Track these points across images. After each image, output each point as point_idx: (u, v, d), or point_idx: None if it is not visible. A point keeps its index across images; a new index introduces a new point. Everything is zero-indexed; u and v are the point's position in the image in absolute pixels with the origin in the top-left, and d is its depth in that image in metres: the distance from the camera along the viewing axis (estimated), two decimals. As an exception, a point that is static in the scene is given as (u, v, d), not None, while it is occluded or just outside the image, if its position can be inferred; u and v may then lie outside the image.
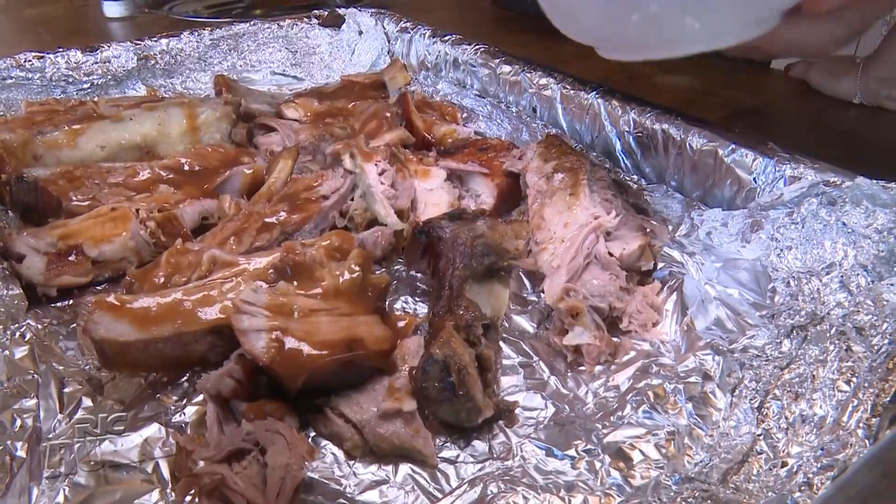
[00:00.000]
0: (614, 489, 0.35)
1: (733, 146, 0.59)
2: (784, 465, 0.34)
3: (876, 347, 0.38)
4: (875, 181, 0.48)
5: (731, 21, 0.43)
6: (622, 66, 1.10)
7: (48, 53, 0.83)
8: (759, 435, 0.37)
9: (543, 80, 0.77)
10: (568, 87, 0.74)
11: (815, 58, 0.49)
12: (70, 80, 0.83)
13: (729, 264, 0.55)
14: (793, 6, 0.43)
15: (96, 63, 0.84)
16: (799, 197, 0.53)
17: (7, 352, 0.44)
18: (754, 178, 0.58)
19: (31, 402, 0.41)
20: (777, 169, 0.56)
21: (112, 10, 1.52)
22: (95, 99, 0.75)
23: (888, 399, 0.34)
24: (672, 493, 0.32)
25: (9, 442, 0.37)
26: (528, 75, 0.79)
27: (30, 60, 0.81)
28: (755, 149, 0.58)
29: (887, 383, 0.34)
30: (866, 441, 0.32)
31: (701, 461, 0.36)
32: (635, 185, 0.67)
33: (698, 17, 0.42)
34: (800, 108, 1.00)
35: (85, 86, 0.84)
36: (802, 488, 0.30)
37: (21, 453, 0.37)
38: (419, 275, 0.58)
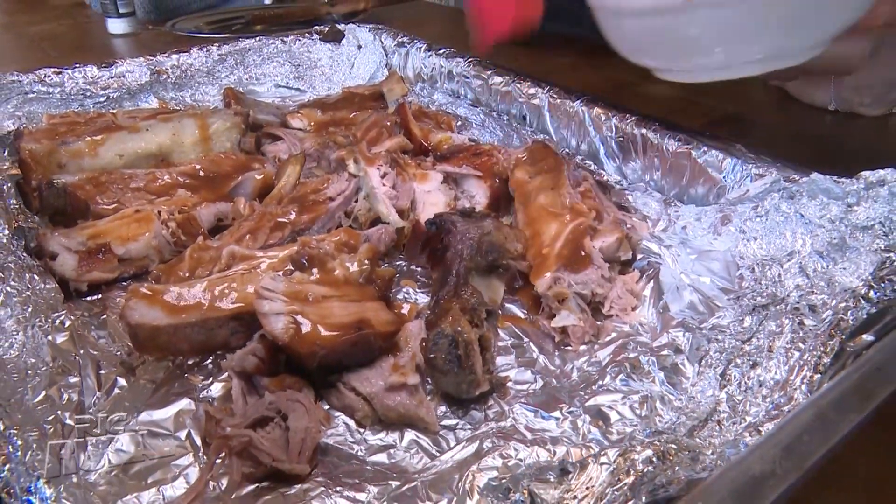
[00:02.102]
0: (593, 442, 0.40)
1: (705, 148, 0.65)
2: (742, 421, 0.39)
3: (824, 320, 0.43)
4: (828, 176, 0.54)
5: (790, 46, 0.48)
6: (608, 77, 1.16)
7: (66, 69, 0.88)
8: (721, 398, 0.42)
9: (532, 90, 0.83)
10: (555, 96, 0.80)
11: (849, 73, 0.54)
12: (87, 93, 0.88)
13: (702, 255, 0.60)
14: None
15: (112, 77, 0.89)
16: (763, 192, 0.58)
17: (50, 337, 0.48)
18: (724, 177, 0.63)
19: (74, 380, 0.45)
20: (744, 168, 0.62)
21: (116, 26, 1.56)
22: (114, 111, 0.80)
23: (828, 360, 0.39)
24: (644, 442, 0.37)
25: (58, 412, 0.42)
26: (518, 86, 0.85)
27: (49, 76, 0.87)
28: (725, 150, 0.64)
29: (827, 347, 0.39)
30: (808, 394, 0.37)
31: (670, 420, 0.42)
32: (617, 186, 0.72)
33: (761, 48, 0.46)
34: (778, 115, 1.05)
35: (101, 99, 0.89)
36: (752, 432, 0.35)
37: (70, 422, 0.42)
38: (419, 269, 0.63)
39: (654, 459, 0.32)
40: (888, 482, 0.43)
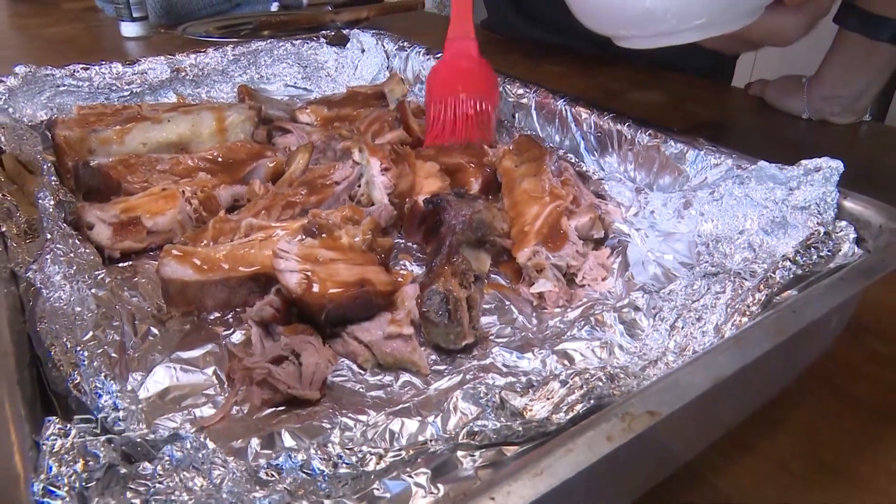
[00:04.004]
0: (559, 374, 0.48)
1: (671, 142, 0.73)
2: (684, 359, 0.47)
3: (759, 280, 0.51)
4: (773, 164, 0.61)
5: (728, 12, 0.57)
6: (598, 85, 1.24)
7: (94, 65, 0.96)
8: (669, 345, 0.50)
9: (521, 91, 0.91)
10: (541, 96, 0.88)
11: (786, 44, 0.63)
12: (113, 88, 0.96)
13: (668, 237, 0.68)
14: None
15: (135, 74, 0.97)
16: (719, 179, 0.66)
17: (93, 290, 0.55)
18: (688, 167, 0.71)
19: (116, 323, 0.52)
20: (705, 159, 0.69)
21: (129, 30, 1.64)
22: (139, 103, 0.87)
23: (756, 309, 0.46)
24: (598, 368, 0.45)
25: (105, 347, 0.49)
26: (509, 87, 0.93)
27: (78, 71, 0.94)
28: (688, 143, 0.71)
29: (756, 298, 0.47)
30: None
31: (625, 361, 0.49)
32: (595, 176, 0.80)
33: (704, 12, 0.55)
34: (756, 122, 1.13)
35: (125, 93, 0.97)
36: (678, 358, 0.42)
37: (115, 355, 0.49)
38: (414, 246, 0.71)
39: (604, 379, 0.39)
40: (817, 431, 0.50)
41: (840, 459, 0.48)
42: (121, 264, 0.66)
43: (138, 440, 0.35)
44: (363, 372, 0.52)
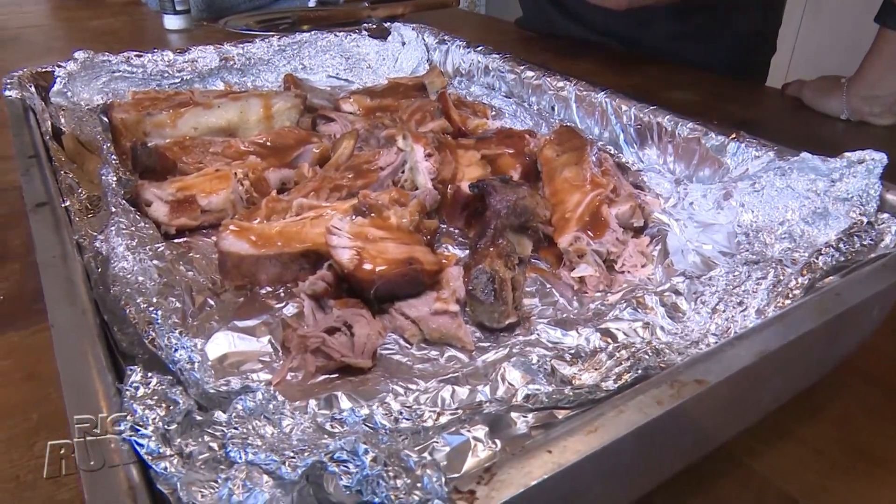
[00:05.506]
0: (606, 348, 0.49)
1: (712, 134, 0.74)
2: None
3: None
4: (815, 156, 0.62)
5: None
6: (630, 84, 1.24)
7: (147, 53, 1.00)
8: (710, 328, 0.51)
9: (561, 84, 0.92)
10: (581, 89, 0.89)
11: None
12: (165, 74, 0.99)
13: (707, 228, 0.68)
14: None
15: (185, 62, 1.01)
16: (760, 171, 0.67)
17: (155, 261, 0.58)
18: (728, 159, 0.72)
19: (177, 292, 0.55)
20: (746, 151, 0.70)
21: (172, 23, 1.69)
22: (191, 89, 0.91)
23: (799, 293, 0.47)
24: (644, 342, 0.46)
25: (169, 313, 0.52)
26: (548, 79, 0.94)
27: (133, 58, 0.98)
28: (729, 136, 0.72)
29: (798, 282, 0.48)
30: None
31: (667, 340, 0.50)
32: (634, 167, 0.81)
33: None
34: (793, 122, 1.13)
35: (176, 80, 1.00)
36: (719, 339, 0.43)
37: (174, 321, 0.52)
38: (456, 231, 0.72)
39: (650, 353, 0.41)
40: (854, 419, 0.51)
41: (876, 447, 0.49)
42: (176, 241, 0.69)
43: (212, 391, 0.37)
44: (409, 346, 0.54)
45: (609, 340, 0.51)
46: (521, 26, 1.65)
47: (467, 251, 0.67)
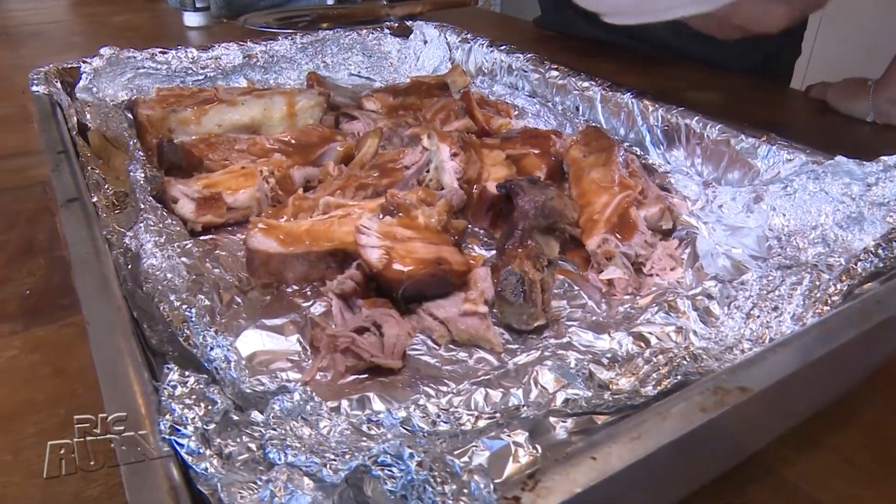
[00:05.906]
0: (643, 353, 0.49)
1: (742, 136, 0.73)
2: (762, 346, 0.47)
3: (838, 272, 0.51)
4: (851, 159, 0.61)
5: None
6: (652, 84, 1.23)
7: (171, 49, 1.00)
8: (745, 333, 0.50)
9: (586, 84, 0.91)
10: (607, 89, 0.88)
11: (773, 30, 0.64)
12: (189, 71, 1.00)
13: (736, 231, 0.67)
14: None
15: (209, 59, 1.01)
16: (792, 174, 0.66)
17: (183, 258, 0.58)
18: (759, 162, 0.71)
19: (206, 290, 0.55)
20: (777, 154, 0.69)
21: (192, 20, 1.69)
22: (215, 86, 0.91)
23: (838, 299, 0.46)
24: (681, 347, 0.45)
25: (202, 311, 0.52)
26: (573, 79, 0.93)
27: (157, 54, 0.98)
28: (760, 138, 0.71)
29: (837, 288, 0.47)
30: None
31: (702, 346, 0.50)
32: (661, 169, 0.80)
33: None
34: (817, 124, 1.11)
35: (199, 77, 1.00)
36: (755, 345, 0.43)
37: (208, 319, 0.51)
38: (481, 231, 0.72)
39: (688, 358, 0.40)
40: (885, 427, 0.50)
41: (909, 455, 0.48)
42: (202, 237, 0.69)
43: (248, 391, 0.37)
44: (437, 347, 0.54)
45: (642, 345, 0.50)
46: (539, 26, 1.64)
47: (493, 251, 0.67)
